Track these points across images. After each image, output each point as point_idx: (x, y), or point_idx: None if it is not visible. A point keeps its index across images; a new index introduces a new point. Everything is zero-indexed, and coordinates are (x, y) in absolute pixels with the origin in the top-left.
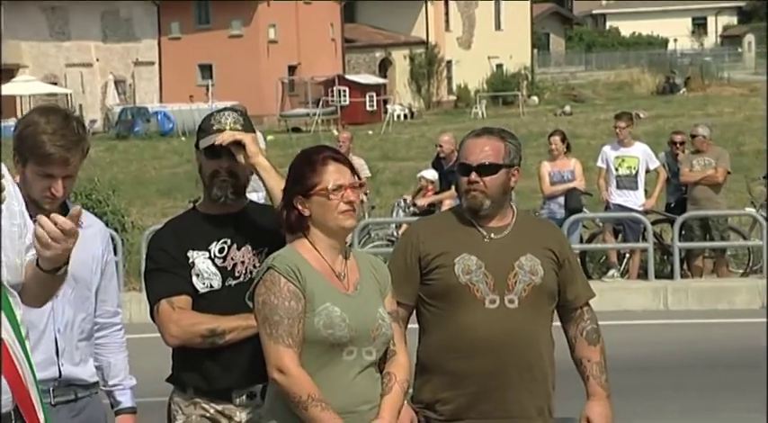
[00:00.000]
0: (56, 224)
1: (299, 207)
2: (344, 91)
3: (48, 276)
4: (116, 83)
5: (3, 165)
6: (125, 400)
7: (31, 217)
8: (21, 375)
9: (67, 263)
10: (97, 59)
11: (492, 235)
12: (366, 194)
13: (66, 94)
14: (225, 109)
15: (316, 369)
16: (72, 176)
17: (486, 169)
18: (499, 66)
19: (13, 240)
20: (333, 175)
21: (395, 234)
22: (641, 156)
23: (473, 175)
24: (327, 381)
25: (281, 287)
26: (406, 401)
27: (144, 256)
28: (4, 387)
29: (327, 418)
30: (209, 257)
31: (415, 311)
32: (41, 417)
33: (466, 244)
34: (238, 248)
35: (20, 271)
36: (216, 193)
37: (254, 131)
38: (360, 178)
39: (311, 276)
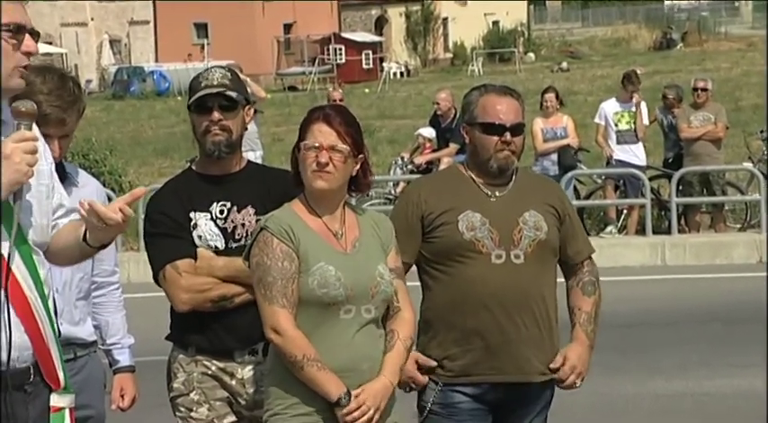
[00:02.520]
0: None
1: (297, 161)
2: (340, 49)
3: (92, 250)
4: (111, 42)
5: (34, 126)
6: (123, 358)
7: None
8: (42, 332)
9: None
10: (92, 19)
11: (497, 193)
12: None
13: (62, 54)
14: (214, 66)
15: (313, 328)
16: (68, 136)
17: (517, 129)
18: (495, 23)
19: (40, 201)
20: (314, 133)
21: (392, 192)
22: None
23: (508, 136)
24: (326, 340)
25: (273, 248)
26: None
27: (142, 218)
28: (25, 343)
29: (323, 377)
30: (211, 218)
31: (417, 269)
32: (61, 375)
33: (469, 201)
34: (239, 210)
35: (46, 231)
36: (209, 148)
37: (246, 88)
38: (354, 145)
39: (305, 236)
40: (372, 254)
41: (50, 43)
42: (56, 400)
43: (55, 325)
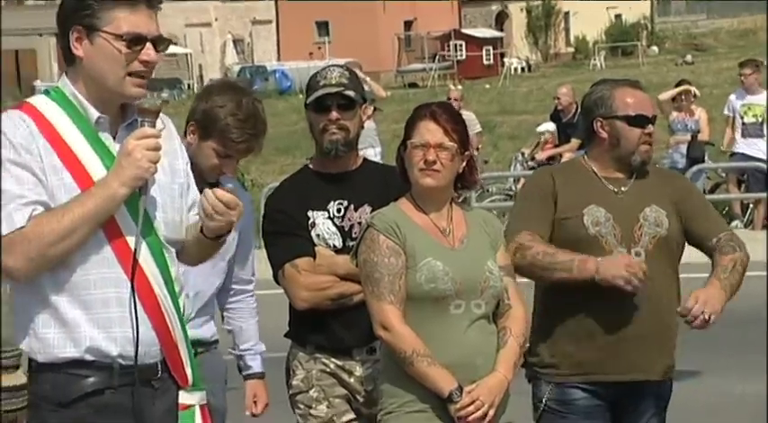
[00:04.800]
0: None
1: (402, 159)
2: (461, 45)
3: (209, 242)
4: (234, 42)
5: (170, 123)
6: (255, 364)
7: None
8: (170, 329)
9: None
10: (216, 19)
11: (622, 188)
12: (477, 150)
13: (186, 54)
14: (331, 65)
15: (424, 324)
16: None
17: (654, 122)
18: (618, 16)
19: (174, 198)
20: (421, 131)
21: (513, 188)
22: None
23: (651, 128)
24: (438, 335)
25: (380, 244)
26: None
27: (261, 216)
28: (152, 339)
29: (434, 372)
30: (329, 217)
31: None
32: (189, 372)
33: (594, 195)
34: (355, 209)
35: (179, 228)
36: (327, 146)
37: (363, 87)
38: (460, 143)
39: (412, 232)
40: (481, 250)
41: (175, 43)
42: (184, 397)
43: (185, 323)
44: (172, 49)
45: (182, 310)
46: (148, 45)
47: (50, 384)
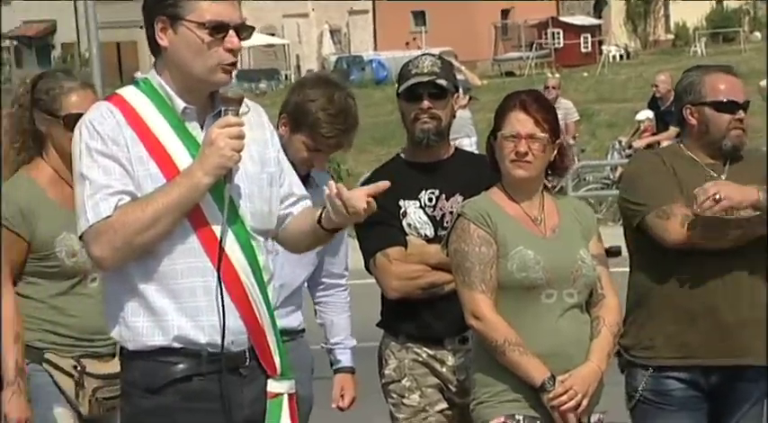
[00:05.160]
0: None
1: (493, 149)
2: (558, 33)
3: (325, 233)
4: (331, 32)
5: (262, 112)
6: (345, 359)
7: None
8: (257, 317)
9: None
10: (313, 9)
11: (721, 176)
12: (574, 138)
13: (284, 45)
14: (424, 54)
15: (515, 313)
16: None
17: (747, 107)
18: (719, 1)
19: (262, 187)
20: (512, 121)
21: (610, 176)
22: None
23: (741, 113)
24: (530, 324)
25: (470, 233)
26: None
27: None
28: (239, 327)
29: (526, 361)
30: (420, 206)
31: (630, 246)
32: (278, 360)
33: (701, 179)
34: (447, 198)
35: (267, 218)
36: (418, 136)
37: (455, 76)
38: (551, 132)
39: (503, 221)
40: (573, 239)
41: (273, 34)
42: (273, 386)
43: (273, 312)
44: (269, 39)
45: (270, 299)
46: (231, 33)
47: (140, 371)
